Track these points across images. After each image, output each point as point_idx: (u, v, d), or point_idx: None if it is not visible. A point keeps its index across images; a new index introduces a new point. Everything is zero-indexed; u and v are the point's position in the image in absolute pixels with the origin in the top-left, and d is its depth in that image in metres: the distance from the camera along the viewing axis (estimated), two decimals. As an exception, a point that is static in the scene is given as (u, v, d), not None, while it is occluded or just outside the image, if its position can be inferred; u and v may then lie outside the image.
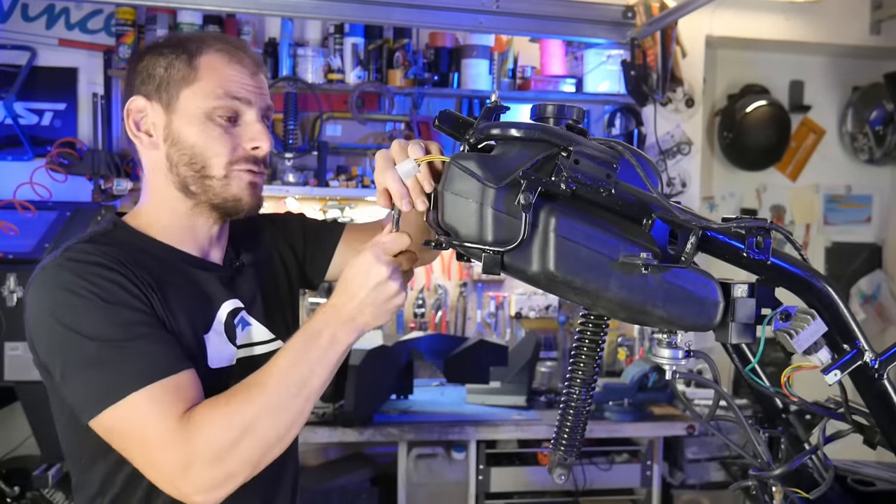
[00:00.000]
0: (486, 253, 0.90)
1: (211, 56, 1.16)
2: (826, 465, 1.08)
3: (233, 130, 1.16)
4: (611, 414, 3.07)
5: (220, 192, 1.16)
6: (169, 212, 1.19)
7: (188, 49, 1.16)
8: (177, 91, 1.15)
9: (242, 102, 1.16)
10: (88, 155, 3.13)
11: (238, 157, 1.16)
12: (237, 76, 1.16)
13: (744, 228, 0.95)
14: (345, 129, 3.52)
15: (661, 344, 1.00)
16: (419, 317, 3.57)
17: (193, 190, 1.17)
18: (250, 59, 1.19)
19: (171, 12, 3.20)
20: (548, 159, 0.91)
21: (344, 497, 2.96)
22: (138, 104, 1.17)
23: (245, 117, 1.17)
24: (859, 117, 4.15)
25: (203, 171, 1.15)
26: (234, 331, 1.21)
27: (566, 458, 1.02)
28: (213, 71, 1.15)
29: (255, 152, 1.17)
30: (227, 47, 1.18)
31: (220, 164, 1.15)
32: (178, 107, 1.15)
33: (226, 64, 1.16)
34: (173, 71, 1.15)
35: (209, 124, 1.15)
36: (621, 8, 2.94)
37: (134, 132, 1.18)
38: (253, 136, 1.17)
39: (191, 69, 1.15)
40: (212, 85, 1.14)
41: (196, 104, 1.14)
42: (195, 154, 1.15)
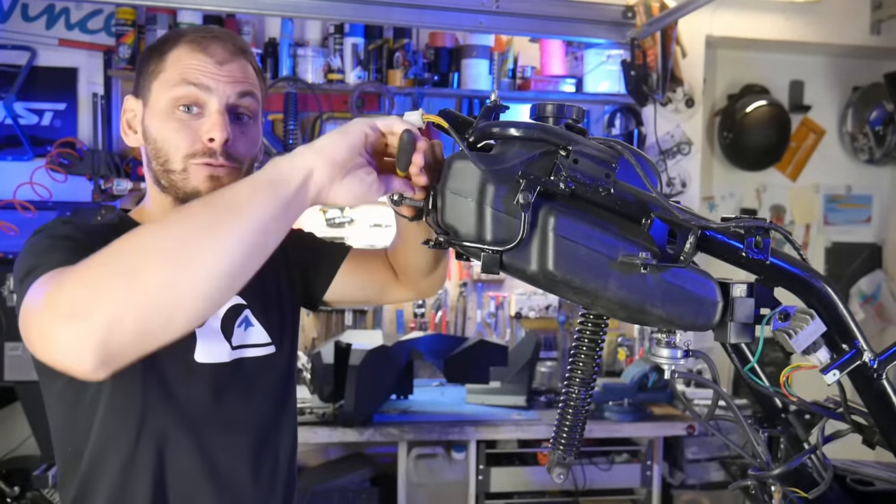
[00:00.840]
0: (485, 252, 0.90)
1: (179, 48, 1.15)
2: (825, 465, 1.08)
3: (193, 123, 1.13)
4: (611, 414, 3.07)
5: (182, 186, 1.14)
6: (159, 206, 1.20)
7: (162, 44, 1.17)
8: (149, 85, 1.16)
9: (201, 89, 1.13)
10: (88, 155, 3.13)
11: (196, 150, 1.13)
12: (199, 64, 1.13)
13: (743, 228, 0.95)
14: (345, 130, 3.51)
15: (660, 343, 1.00)
16: (419, 317, 3.57)
17: (163, 184, 1.16)
18: (221, 46, 1.15)
19: (171, 12, 3.20)
20: (547, 158, 0.91)
21: (344, 497, 2.96)
22: (129, 103, 1.20)
23: (207, 108, 1.14)
24: (859, 117, 4.15)
25: (166, 164, 1.14)
26: (233, 329, 1.20)
27: (565, 458, 1.02)
28: (177, 62, 1.14)
29: (211, 144, 1.13)
30: (197, 37, 1.16)
31: (177, 157, 1.13)
32: (149, 101, 1.16)
33: (189, 53, 1.14)
34: (148, 66, 1.17)
35: (169, 117, 1.13)
36: (621, 8, 2.94)
37: (125, 130, 1.21)
38: (209, 128, 1.13)
39: (160, 62, 1.15)
40: (173, 75, 1.14)
41: (161, 96, 1.14)
42: (158, 148, 1.15)
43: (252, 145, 1.19)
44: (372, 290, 1.45)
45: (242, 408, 1.20)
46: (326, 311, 3.49)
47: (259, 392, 1.23)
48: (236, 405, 1.19)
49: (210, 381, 1.16)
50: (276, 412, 1.26)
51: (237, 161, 1.15)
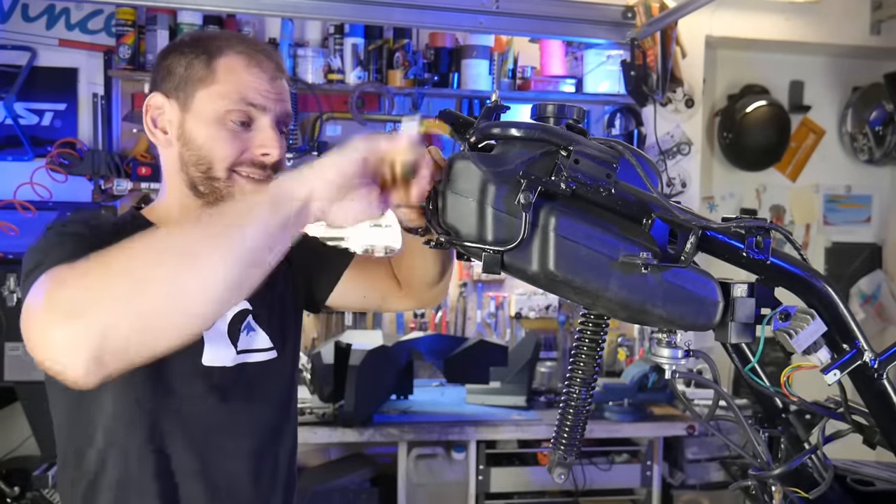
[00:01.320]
0: (486, 252, 0.91)
1: (230, 58, 1.15)
2: (825, 465, 1.08)
3: (243, 135, 1.15)
4: (611, 414, 3.07)
5: (226, 193, 1.15)
6: (180, 208, 1.19)
7: (208, 49, 1.15)
8: (193, 91, 1.15)
9: (257, 108, 1.15)
10: (88, 155, 3.13)
11: (243, 159, 1.15)
12: (255, 81, 1.15)
13: (743, 228, 0.95)
14: (345, 130, 3.52)
15: (661, 343, 1.00)
16: (419, 317, 3.57)
17: (202, 190, 1.16)
18: (271, 62, 1.17)
19: (171, 12, 3.20)
20: (548, 159, 0.91)
21: (344, 497, 2.96)
22: (157, 101, 1.18)
23: (258, 122, 1.16)
24: (859, 117, 4.15)
25: (208, 171, 1.15)
26: (239, 334, 1.20)
27: (566, 458, 1.02)
28: (230, 74, 1.14)
29: (264, 158, 1.16)
30: (248, 49, 1.16)
31: (223, 166, 1.14)
32: (192, 106, 1.15)
33: (244, 67, 1.15)
34: (192, 71, 1.15)
35: (220, 127, 1.14)
36: (621, 8, 2.94)
37: (151, 129, 1.19)
38: (263, 142, 1.15)
39: (209, 70, 1.14)
40: (228, 88, 1.14)
41: (210, 106, 1.14)
42: (202, 155, 1.14)
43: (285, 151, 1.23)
44: (374, 298, 1.47)
45: (245, 412, 1.21)
46: (326, 312, 3.49)
47: (261, 396, 1.24)
48: (239, 409, 1.20)
49: (215, 384, 1.16)
50: (277, 416, 1.27)
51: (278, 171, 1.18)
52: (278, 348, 1.26)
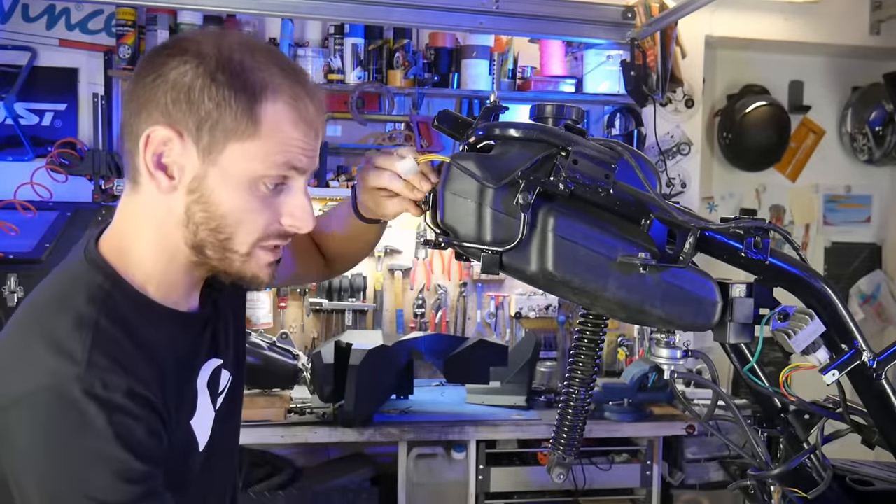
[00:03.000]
0: (484, 253, 0.91)
1: (277, 107, 0.90)
2: (824, 465, 1.09)
3: (274, 201, 0.94)
4: (610, 414, 3.07)
5: (238, 268, 0.96)
6: (167, 261, 0.96)
7: (251, 87, 0.89)
8: (224, 140, 0.89)
9: (298, 171, 0.94)
10: (89, 155, 3.13)
11: (270, 232, 0.95)
12: (302, 139, 0.92)
13: (742, 229, 0.95)
14: (345, 130, 3.52)
15: (660, 344, 1.00)
16: (419, 317, 3.57)
17: (209, 254, 0.95)
18: (316, 109, 0.94)
19: (171, 12, 3.20)
20: (546, 159, 0.91)
21: (344, 497, 2.96)
22: (163, 135, 0.89)
23: (292, 185, 0.95)
24: (859, 118, 4.15)
25: (226, 242, 0.93)
26: (217, 391, 1.06)
27: (565, 458, 1.02)
28: (276, 130, 0.90)
29: (292, 230, 0.96)
30: (296, 91, 0.92)
31: (248, 241, 0.94)
32: (219, 160, 0.90)
33: (293, 123, 0.91)
34: (227, 113, 0.88)
35: (252, 193, 0.92)
36: (621, 8, 2.94)
37: (150, 168, 0.90)
38: (294, 212, 0.95)
39: (249, 120, 0.89)
40: (270, 148, 0.90)
41: (245, 166, 0.90)
42: (225, 223, 0.92)
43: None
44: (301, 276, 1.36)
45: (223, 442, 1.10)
46: (326, 312, 3.49)
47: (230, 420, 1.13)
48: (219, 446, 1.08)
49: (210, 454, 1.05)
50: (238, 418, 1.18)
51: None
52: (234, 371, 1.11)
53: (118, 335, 0.89)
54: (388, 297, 3.57)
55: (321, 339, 3.46)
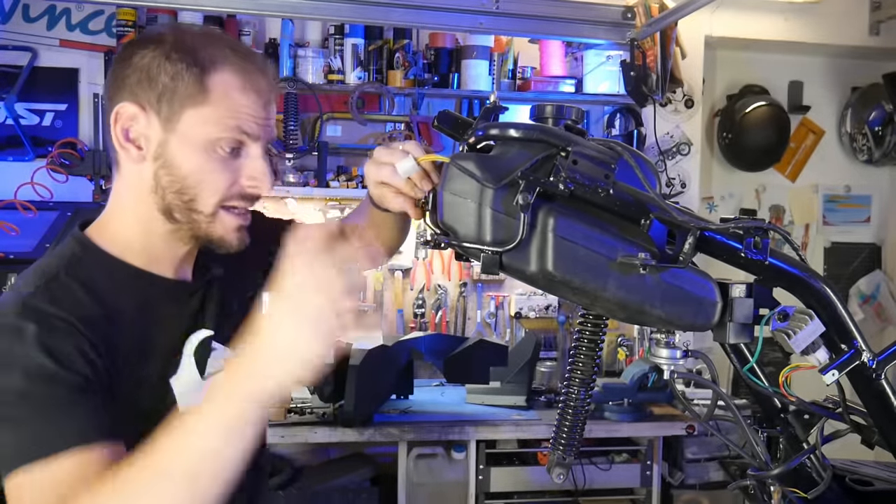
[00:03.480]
0: (484, 253, 0.91)
1: (225, 76, 1.02)
2: (824, 465, 1.09)
3: (232, 163, 1.05)
4: (610, 414, 3.07)
5: (205, 229, 1.06)
6: (144, 230, 1.07)
7: (200, 60, 1.01)
8: (180, 108, 1.01)
9: (251, 137, 1.05)
10: (89, 155, 3.14)
11: (232, 193, 1.05)
12: (250, 106, 1.04)
13: (742, 229, 0.95)
14: (345, 130, 3.52)
15: (660, 344, 1.00)
16: (419, 317, 3.57)
17: (178, 217, 1.05)
18: (266, 83, 1.06)
19: (171, 13, 3.20)
20: (546, 159, 0.91)
21: (344, 497, 2.96)
22: (129, 111, 1.03)
23: (248, 150, 1.06)
24: (858, 118, 4.15)
25: (191, 203, 1.04)
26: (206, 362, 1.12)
27: (565, 458, 1.02)
28: (225, 96, 1.02)
29: (253, 191, 1.07)
30: (245, 66, 1.04)
31: (211, 201, 1.04)
32: (178, 127, 1.02)
33: (240, 89, 1.03)
34: (180, 84, 1.01)
35: (209, 155, 1.03)
36: (621, 9, 2.94)
37: (121, 140, 1.04)
38: (253, 174, 1.06)
39: (200, 87, 1.01)
40: (221, 113, 1.02)
41: (200, 130, 1.02)
42: (187, 185, 1.03)
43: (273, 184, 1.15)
44: None
45: None
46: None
47: None
48: None
49: None
50: None
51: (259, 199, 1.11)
52: None
53: (74, 287, 1.00)
54: (388, 297, 3.57)
55: (321, 340, 3.46)
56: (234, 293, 1.19)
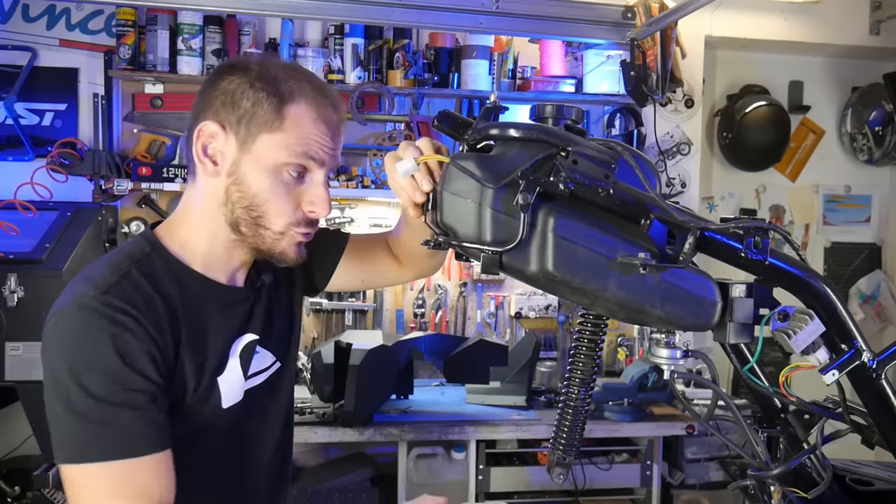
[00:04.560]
0: (484, 253, 0.91)
1: (300, 107, 1.12)
2: (824, 465, 1.09)
3: (296, 188, 1.14)
4: (610, 414, 3.07)
5: (270, 244, 1.15)
6: (209, 237, 1.17)
7: (280, 91, 1.11)
8: (257, 132, 1.11)
9: (316, 163, 1.14)
10: (89, 155, 3.13)
11: (298, 219, 1.15)
12: (320, 136, 1.13)
13: (742, 229, 0.95)
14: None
15: (660, 344, 1.00)
16: (419, 317, 3.57)
17: (244, 231, 1.15)
18: (336, 116, 1.16)
19: (171, 13, 3.20)
20: (546, 159, 0.91)
21: (344, 497, 2.96)
22: (211, 129, 1.12)
23: (312, 176, 1.15)
24: (858, 118, 4.15)
25: (259, 220, 1.14)
26: (250, 363, 1.21)
27: (565, 458, 1.02)
28: (298, 125, 1.11)
29: (312, 216, 1.16)
30: (319, 99, 1.14)
31: (280, 222, 1.14)
32: (252, 148, 1.12)
33: (312, 120, 1.12)
34: (259, 110, 1.11)
35: (277, 178, 1.12)
36: (621, 8, 2.94)
37: (199, 155, 1.13)
38: (313, 200, 1.15)
39: (277, 115, 1.11)
40: (292, 140, 1.11)
41: (272, 153, 1.11)
42: (256, 203, 1.13)
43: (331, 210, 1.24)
44: (373, 279, 1.51)
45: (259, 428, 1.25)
46: (326, 311, 3.49)
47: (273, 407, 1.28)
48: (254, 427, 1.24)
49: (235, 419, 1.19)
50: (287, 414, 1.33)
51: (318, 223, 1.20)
52: (281, 358, 1.29)
53: (143, 284, 1.09)
54: (388, 297, 3.57)
55: (321, 339, 3.47)
56: (279, 301, 1.30)
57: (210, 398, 1.13)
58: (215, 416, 1.15)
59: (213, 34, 3.26)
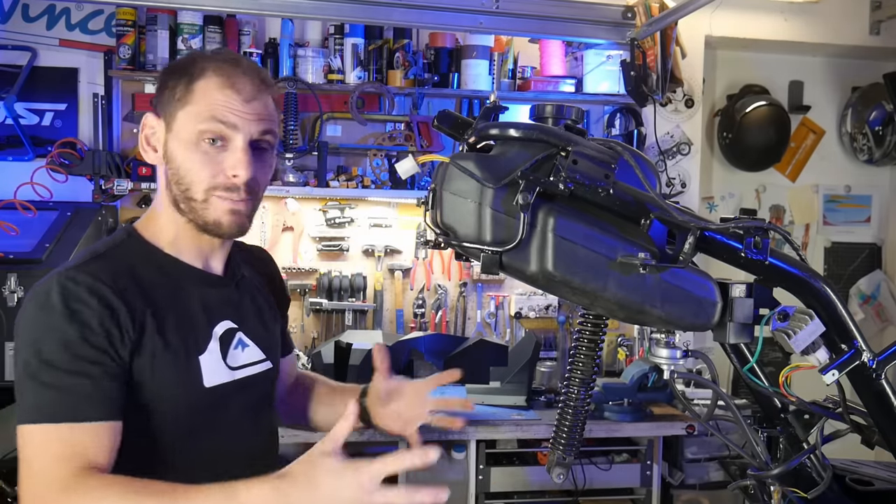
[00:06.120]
0: (484, 253, 0.91)
1: (207, 80, 1.18)
2: (824, 465, 1.09)
3: (217, 156, 1.18)
4: (610, 414, 3.07)
5: (201, 214, 1.20)
6: (172, 223, 1.24)
7: (191, 71, 1.19)
8: (174, 111, 1.19)
9: (228, 127, 1.17)
10: (89, 155, 3.13)
11: (217, 183, 1.18)
12: (227, 101, 1.17)
13: (742, 229, 0.95)
14: (345, 130, 3.52)
15: (660, 344, 1.00)
16: (419, 317, 3.57)
17: (182, 208, 1.21)
18: (249, 83, 1.20)
19: (171, 12, 3.20)
20: (546, 159, 0.91)
21: (344, 497, 2.96)
22: (150, 120, 1.23)
23: (231, 143, 1.18)
24: (859, 117, 4.15)
25: (187, 192, 1.19)
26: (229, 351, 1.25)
27: (565, 458, 1.02)
28: (205, 95, 1.18)
29: (234, 180, 1.19)
30: (227, 70, 1.19)
31: (199, 188, 1.18)
32: (173, 127, 1.19)
33: (218, 88, 1.18)
34: (175, 91, 1.19)
35: (195, 148, 1.18)
36: (621, 8, 2.94)
37: (144, 146, 1.23)
38: (234, 164, 1.18)
39: (187, 91, 1.18)
40: (200, 108, 1.17)
41: (187, 126, 1.18)
42: (181, 176, 1.19)
43: (269, 172, 1.27)
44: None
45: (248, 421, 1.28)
46: (326, 311, 3.49)
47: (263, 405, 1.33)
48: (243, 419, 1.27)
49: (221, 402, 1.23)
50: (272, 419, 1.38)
51: (256, 192, 1.22)
52: (272, 359, 1.34)
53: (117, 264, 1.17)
54: (388, 297, 3.57)
55: (321, 339, 3.46)
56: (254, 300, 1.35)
57: (191, 374, 1.18)
58: (196, 393, 1.18)
59: (212, 34, 3.26)
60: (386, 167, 3.44)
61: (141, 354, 1.13)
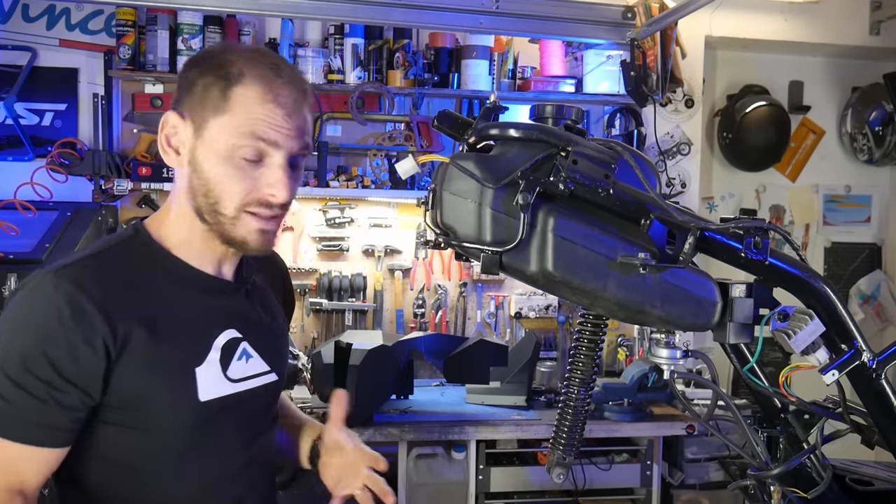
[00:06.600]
0: (484, 253, 0.91)
1: (247, 88, 1.08)
2: (824, 465, 1.09)
3: (253, 172, 1.10)
4: (610, 414, 3.07)
5: (229, 230, 1.12)
6: (187, 228, 1.16)
7: (228, 74, 1.09)
8: (207, 117, 1.10)
9: (269, 144, 1.09)
10: (89, 155, 3.13)
11: (251, 199, 1.10)
12: (269, 116, 1.08)
13: (742, 229, 0.95)
14: (345, 130, 3.52)
15: (660, 344, 1.00)
16: (419, 317, 3.57)
17: (206, 219, 1.13)
18: (291, 96, 1.10)
19: (171, 13, 3.20)
20: (546, 159, 0.91)
21: (344, 497, 2.96)
22: (172, 120, 1.12)
23: (269, 159, 1.10)
24: (859, 118, 4.15)
25: (215, 206, 1.11)
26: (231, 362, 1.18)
27: (565, 458, 1.02)
28: (244, 106, 1.08)
29: (271, 199, 1.11)
30: (269, 79, 1.09)
31: (231, 205, 1.10)
32: (204, 134, 1.10)
33: (259, 101, 1.08)
34: (207, 94, 1.09)
35: (229, 162, 1.09)
36: (621, 8, 2.94)
37: (164, 146, 1.14)
38: (271, 182, 1.10)
39: (223, 98, 1.08)
40: (238, 122, 1.08)
41: (221, 138, 1.09)
42: (210, 189, 1.10)
43: (300, 184, 1.19)
44: None
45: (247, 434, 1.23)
46: (326, 312, 3.49)
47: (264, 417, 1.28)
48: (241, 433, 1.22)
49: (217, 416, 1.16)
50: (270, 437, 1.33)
51: (287, 209, 1.15)
52: (278, 371, 1.27)
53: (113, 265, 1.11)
54: (388, 297, 3.57)
55: (321, 339, 3.46)
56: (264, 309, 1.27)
57: (186, 387, 1.11)
58: (191, 408, 1.12)
59: (213, 34, 3.26)
60: (386, 167, 3.44)
61: (125, 368, 1.06)
